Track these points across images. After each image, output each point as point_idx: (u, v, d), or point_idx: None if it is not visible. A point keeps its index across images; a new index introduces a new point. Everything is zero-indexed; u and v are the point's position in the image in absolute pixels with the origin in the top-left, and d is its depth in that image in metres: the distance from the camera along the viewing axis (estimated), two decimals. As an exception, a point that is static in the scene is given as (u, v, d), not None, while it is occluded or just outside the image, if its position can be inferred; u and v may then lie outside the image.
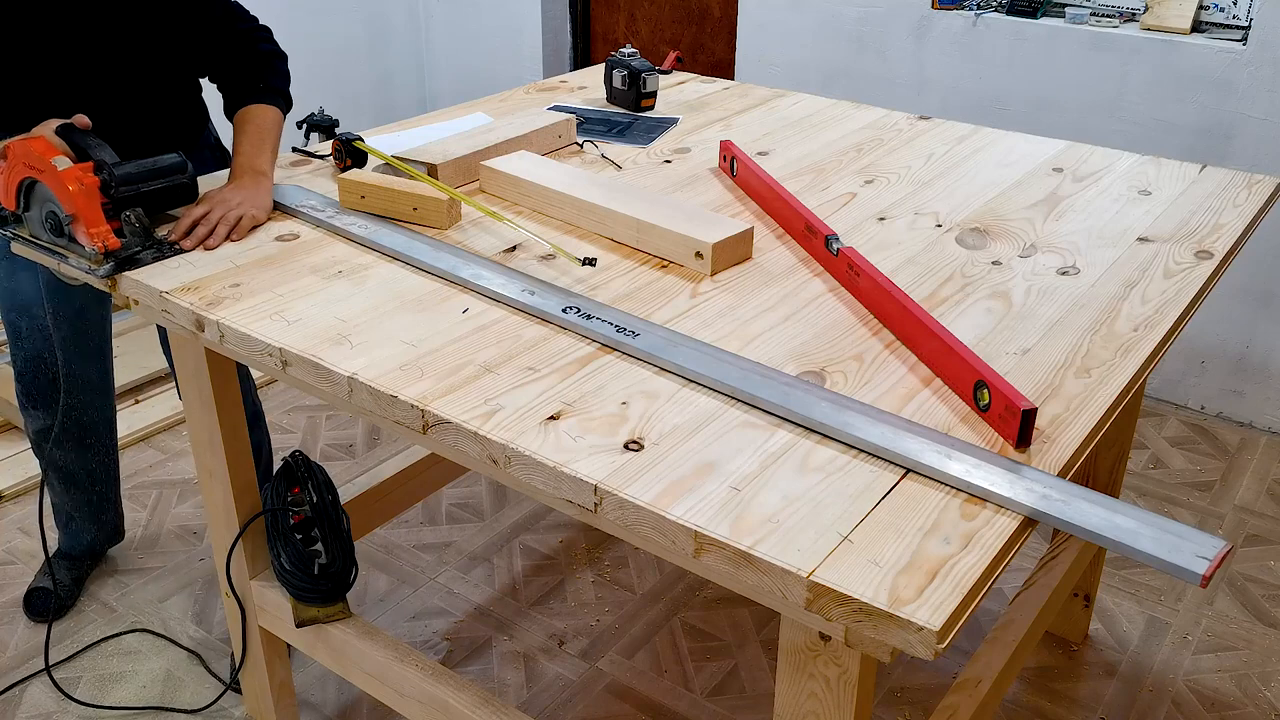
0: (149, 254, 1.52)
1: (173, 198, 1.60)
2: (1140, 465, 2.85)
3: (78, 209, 1.46)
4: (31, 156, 1.48)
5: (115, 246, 1.48)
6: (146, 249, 1.53)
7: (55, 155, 1.47)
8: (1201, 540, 0.99)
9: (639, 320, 1.35)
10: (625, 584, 2.42)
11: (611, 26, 4.12)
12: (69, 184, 1.45)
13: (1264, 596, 2.39)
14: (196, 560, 2.47)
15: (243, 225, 1.59)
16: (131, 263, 1.50)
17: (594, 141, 2.04)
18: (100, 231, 1.47)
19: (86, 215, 1.47)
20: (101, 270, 1.48)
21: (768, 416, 1.17)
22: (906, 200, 1.80)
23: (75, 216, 1.47)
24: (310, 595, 1.70)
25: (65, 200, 1.47)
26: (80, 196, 1.46)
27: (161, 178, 1.57)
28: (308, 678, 2.15)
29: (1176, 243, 1.64)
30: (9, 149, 1.51)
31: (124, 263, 1.50)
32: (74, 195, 1.46)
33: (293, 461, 1.70)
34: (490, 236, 1.63)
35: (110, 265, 1.48)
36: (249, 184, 1.66)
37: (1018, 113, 3.10)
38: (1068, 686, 2.16)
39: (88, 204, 1.47)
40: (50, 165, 1.46)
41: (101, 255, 1.48)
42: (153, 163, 1.57)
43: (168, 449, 2.87)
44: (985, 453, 1.10)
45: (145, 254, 1.52)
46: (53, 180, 1.47)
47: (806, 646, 1.08)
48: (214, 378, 1.65)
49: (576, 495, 1.08)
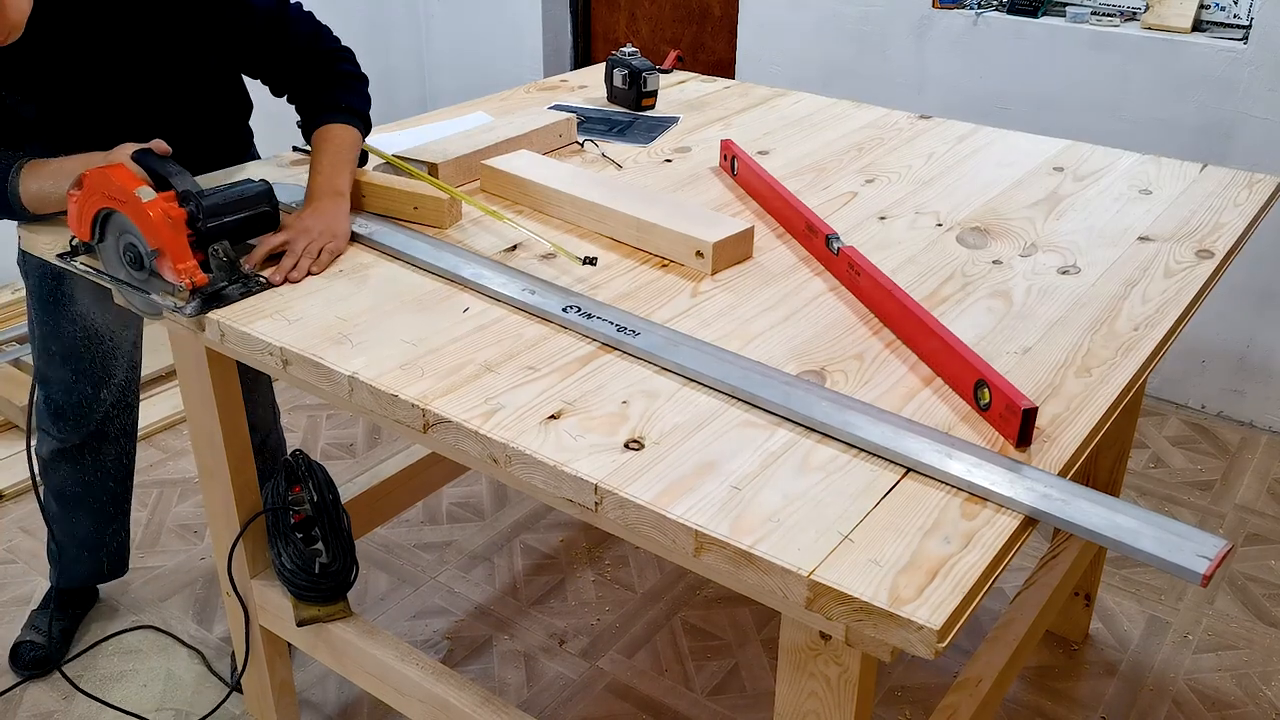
0: (235, 289, 1.42)
1: (256, 227, 1.50)
2: (1141, 464, 2.85)
3: (164, 243, 1.36)
4: (111, 186, 1.38)
5: (202, 283, 1.38)
6: (233, 284, 1.43)
7: (139, 185, 1.37)
8: (1202, 539, 0.99)
9: (639, 319, 1.35)
10: (626, 583, 2.42)
11: (612, 26, 4.12)
12: (155, 217, 1.35)
13: (1264, 596, 2.39)
14: (197, 559, 2.47)
15: (323, 260, 1.51)
16: (218, 299, 1.40)
17: (594, 141, 2.04)
18: (187, 268, 1.36)
19: (173, 250, 1.36)
20: (188, 309, 1.38)
21: (768, 416, 1.17)
22: (907, 199, 1.79)
23: (160, 251, 1.37)
24: (311, 594, 1.70)
25: (150, 233, 1.37)
26: (167, 230, 1.36)
27: (248, 208, 1.48)
28: (308, 677, 2.15)
29: (1177, 242, 1.64)
30: (86, 177, 1.41)
31: (210, 299, 1.40)
32: (160, 229, 1.36)
33: (293, 461, 1.70)
34: (491, 236, 1.63)
35: (197, 303, 1.38)
36: (329, 208, 1.58)
37: (1018, 112, 3.09)
38: (1068, 686, 2.16)
39: (175, 238, 1.36)
40: (133, 196, 1.36)
41: (188, 292, 1.38)
42: (239, 192, 1.47)
43: (168, 449, 2.87)
44: (985, 452, 1.10)
45: (231, 289, 1.42)
46: (135, 212, 1.37)
47: (807, 646, 1.08)
48: (214, 377, 1.64)
49: (577, 494, 1.08)
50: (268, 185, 1.51)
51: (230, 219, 1.45)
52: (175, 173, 1.45)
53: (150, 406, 2.98)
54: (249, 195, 1.48)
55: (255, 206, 1.48)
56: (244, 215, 1.47)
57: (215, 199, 1.44)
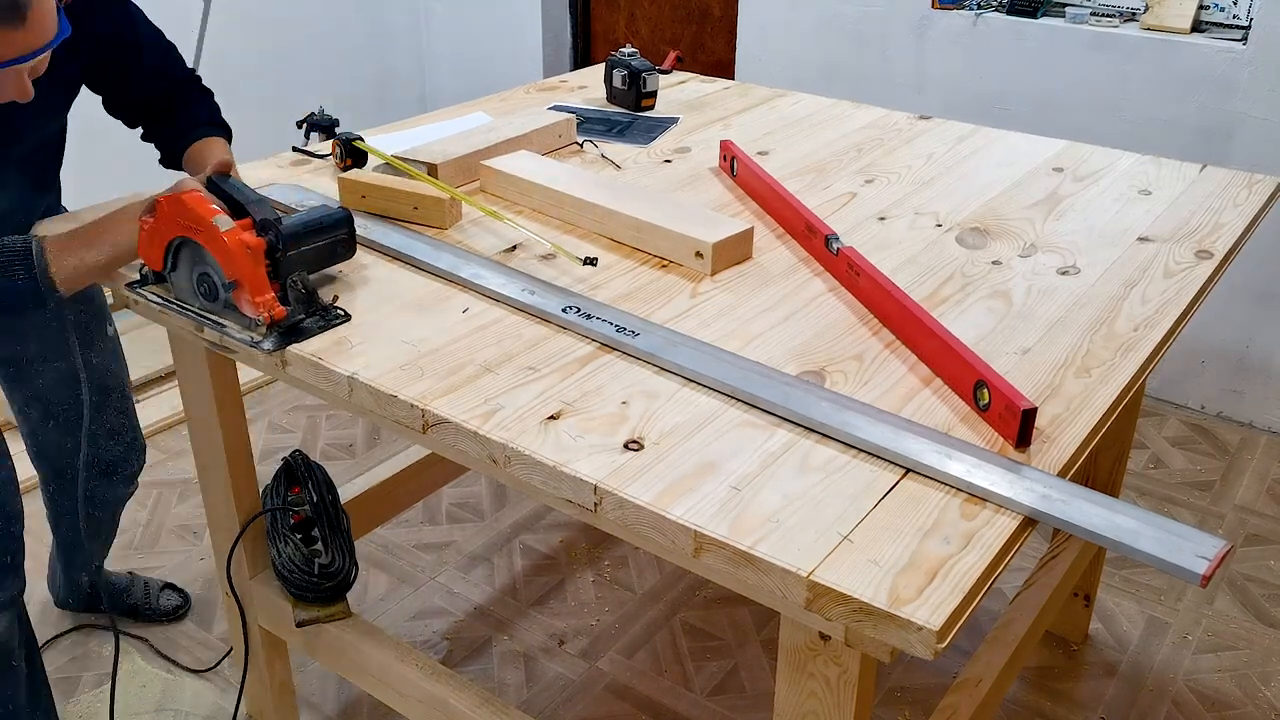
0: (313, 322, 1.34)
1: (334, 255, 1.43)
2: (1140, 465, 2.85)
3: (242, 275, 1.29)
4: (187, 214, 1.31)
5: (281, 316, 1.30)
6: (310, 316, 1.34)
7: (216, 214, 1.30)
8: (1201, 540, 0.99)
9: (639, 320, 1.35)
10: (625, 584, 2.42)
11: (612, 26, 4.12)
12: (234, 247, 1.28)
13: (1264, 596, 2.39)
14: (197, 560, 2.47)
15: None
16: (296, 333, 1.32)
17: (594, 141, 2.04)
18: (266, 300, 1.29)
19: (252, 282, 1.29)
20: (267, 343, 1.31)
21: (768, 416, 1.17)
22: (907, 200, 1.79)
23: (238, 283, 1.30)
24: (310, 595, 1.70)
25: (228, 264, 1.29)
26: (246, 261, 1.28)
27: (326, 235, 1.39)
28: (308, 678, 2.15)
29: (1177, 242, 1.64)
30: (160, 204, 1.34)
31: (288, 333, 1.32)
32: (238, 259, 1.28)
33: (293, 461, 1.70)
34: (490, 236, 1.63)
35: (275, 337, 1.31)
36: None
37: (1018, 112, 3.09)
38: (1068, 686, 2.16)
39: (253, 269, 1.29)
40: (210, 225, 1.29)
41: (265, 326, 1.31)
42: (318, 219, 1.39)
43: (168, 449, 2.87)
44: (985, 452, 1.10)
45: (310, 322, 1.34)
46: (213, 241, 1.29)
47: (806, 646, 1.08)
48: (214, 378, 1.64)
49: (576, 495, 1.08)
50: (347, 211, 1.43)
51: (308, 247, 1.37)
52: (252, 199, 1.38)
53: (150, 406, 2.98)
54: (328, 222, 1.40)
55: (334, 233, 1.41)
56: (322, 243, 1.40)
57: (294, 227, 1.36)
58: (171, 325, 1.43)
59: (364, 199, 1.68)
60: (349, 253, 1.45)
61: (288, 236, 1.34)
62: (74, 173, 1.85)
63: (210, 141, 1.66)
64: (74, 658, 2.18)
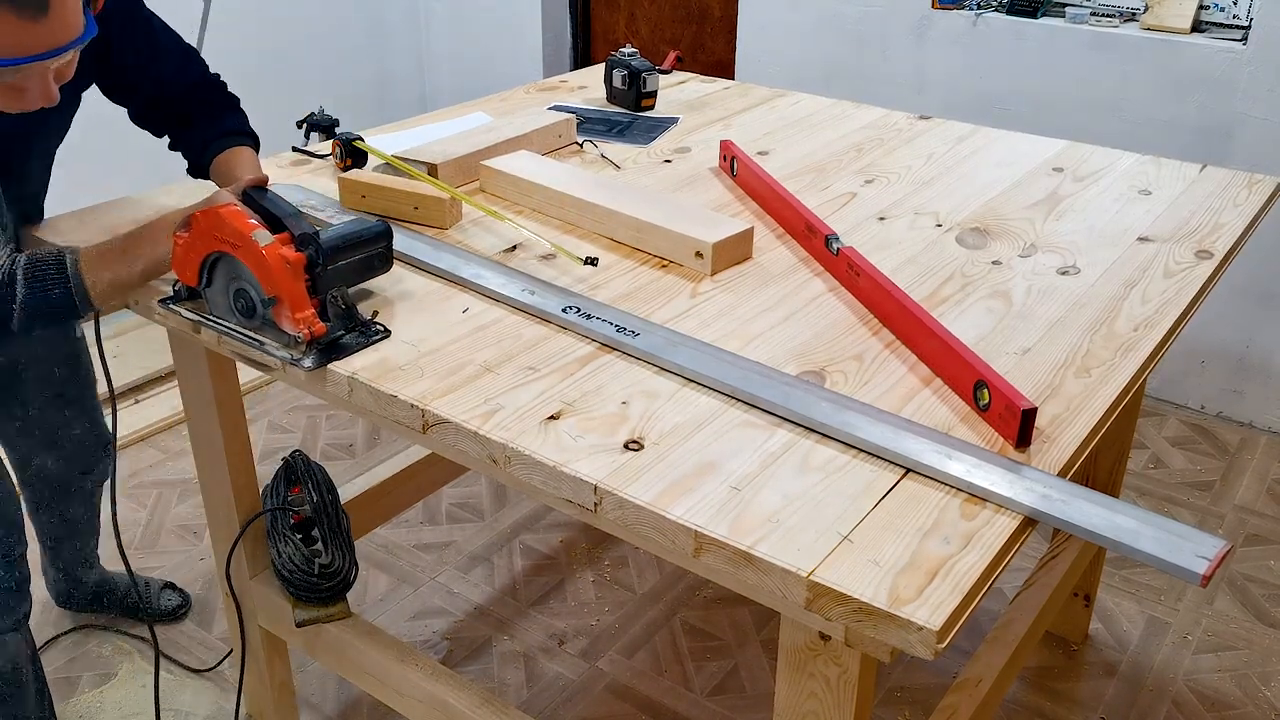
0: (353, 338, 1.30)
1: (372, 269, 1.39)
2: (1140, 465, 2.85)
3: (282, 291, 1.25)
4: (225, 229, 1.28)
5: (321, 332, 1.27)
6: (349, 332, 1.31)
7: (255, 228, 1.27)
8: (1201, 540, 0.99)
9: (639, 320, 1.35)
10: (625, 584, 2.42)
11: (612, 26, 4.12)
12: (273, 262, 1.24)
13: (1264, 596, 2.39)
14: (197, 560, 2.47)
15: None
16: (336, 349, 1.28)
17: (593, 141, 2.04)
18: (306, 317, 1.26)
19: (292, 298, 1.26)
20: (306, 361, 1.27)
21: (768, 416, 1.17)
22: (906, 200, 1.79)
23: (278, 299, 1.26)
24: (310, 595, 1.70)
25: (267, 280, 1.26)
26: (286, 277, 1.25)
27: (365, 248, 1.35)
28: (308, 678, 2.15)
29: (1177, 242, 1.64)
30: (196, 219, 1.31)
31: (328, 350, 1.28)
32: (278, 275, 1.25)
33: (293, 461, 1.70)
34: (491, 236, 1.63)
35: (315, 355, 1.27)
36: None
37: (1018, 112, 3.09)
38: (1068, 686, 2.16)
39: (293, 285, 1.26)
40: (249, 240, 1.26)
41: (304, 343, 1.27)
42: (357, 233, 1.35)
43: (168, 449, 2.87)
44: (985, 452, 1.10)
45: (349, 338, 1.30)
46: (252, 257, 1.26)
47: (806, 646, 1.08)
48: (214, 378, 1.65)
49: (576, 495, 1.08)
50: (386, 224, 1.39)
51: (345, 262, 1.33)
52: (289, 212, 1.35)
53: (150, 406, 2.98)
54: (367, 235, 1.36)
55: (373, 246, 1.37)
56: (361, 257, 1.35)
57: (333, 241, 1.32)
58: (207, 343, 1.41)
59: (364, 199, 1.68)
60: (386, 266, 1.40)
61: (327, 251, 1.30)
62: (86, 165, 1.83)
63: (238, 151, 1.61)
64: (74, 658, 2.18)
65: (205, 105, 1.65)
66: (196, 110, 1.64)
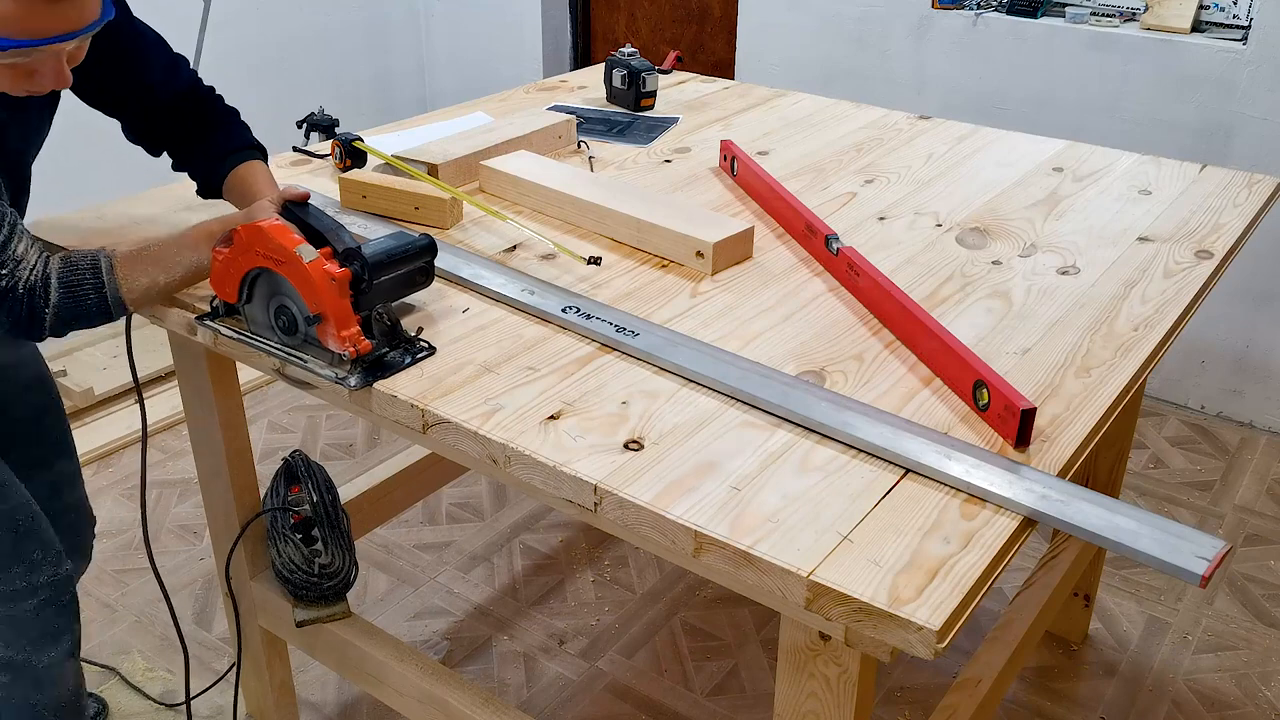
0: (398, 355, 1.27)
1: (414, 284, 1.34)
2: (1140, 465, 2.85)
3: (327, 308, 1.22)
4: (269, 244, 1.25)
5: (366, 350, 1.24)
6: (394, 349, 1.28)
7: (299, 244, 1.24)
8: (1201, 540, 0.99)
9: (639, 320, 1.35)
10: (625, 583, 2.42)
11: (611, 26, 4.12)
12: (318, 279, 1.21)
13: (1264, 596, 2.39)
14: (197, 560, 2.47)
15: None
16: (381, 368, 1.25)
17: (585, 142, 2.04)
18: (352, 335, 1.23)
19: (337, 316, 1.22)
20: (352, 380, 1.23)
21: (767, 416, 1.17)
22: (906, 200, 1.80)
23: (323, 316, 1.23)
24: (310, 595, 1.70)
25: (312, 297, 1.23)
26: (331, 294, 1.22)
27: (409, 263, 1.31)
28: (308, 678, 2.15)
29: (1176, 242, 1.64)
30: (238, 234, 1.28)
31: (373, 368, 1.25)
32: (323, 292, 1.22)
33: (293, 461, 1.70)
34: (491, 236, 1.63)
35: (360, 374, 1.24)
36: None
37: (1018, 112, 3.09)
38: (1068, 686, 2.16)
39: (339, 303, 1.22)
40: (293, 255, 1.22)
41: (349, 362, 1.24)
42: (401, 248, 1.30)
43: (168, 449, 2.87)
44: (985, 453, 1.10)
45: (394, 355, 1.27)
46: (296, 273, 1.23)
47: (806, 646, 1.08)
48: (214, 378, 1.64)
49: (576, 495, 1.08)
50: (430, 239, 1.35)
51: (388, 277, 1.29)
52: (330, 226, 1.32)
53: (150, 406, 2.98)
54: (412, 250, 1.31)
55: (416, 261, 1.33)
56: (404, 272, 1.31)
57: (378, 256, 1.27)
58: (247, 360, 1.38)
59: (364, 199, 1.68)
60: (427, 281, 1.36)
61: (374, 266, 1.26)
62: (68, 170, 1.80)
63: (252, 165, 1.55)
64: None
65: (204, 120, 1.58)
66: (195, 126, 1.57)
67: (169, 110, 1.56)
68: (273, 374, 1.37)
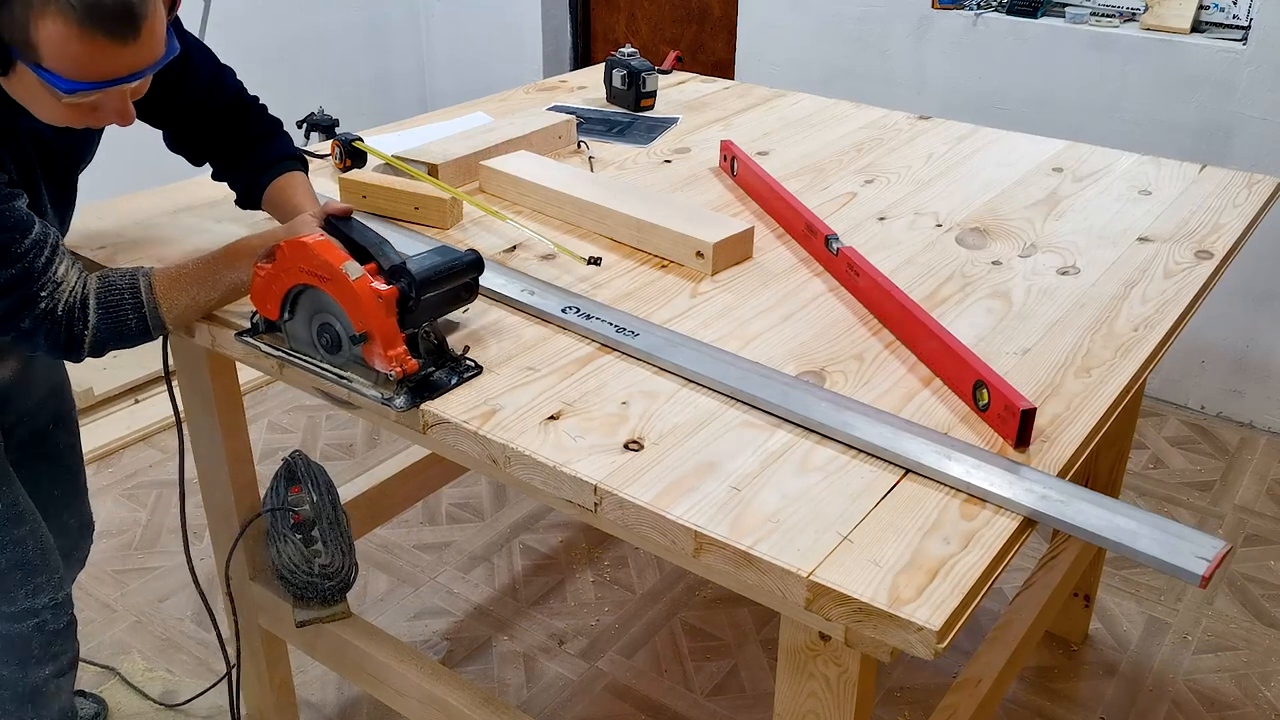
0: (444, 374, 1.23)
1: (459, 300, 1.31)
2: (1140, 465, 2.85)
3: (373, 326, 1.18)
4: (313, 260, 1.21)
5: (413, 369, 1.19)
6: (441, 368, 1.24)
7: (345, 260, 1.20)
8: (1201, 540, 0.99)
9: (639, 320, 1.35)
10: (625, 584, 2.42)
11: (611, 26, 4.12)
12: (365, 297, 1.18)
13: (1264, 596, 2.39)
14: (197, 560, 2.47)
15: None
16: (428, 388, 1.21)
17: (584, 142, 2.04)
18: (399, 354, 1.19)
19: (384, 334, 1.18)
20: (399, 400, 1.20)
21: (767, 416, 1.17)
22: (906, 200, 1.80)
23: (370, 335, 1.19)
24: (310, 595, 1.70)
25: (358, 315, 1.19)
26: (378, 312, 1.18)
27: (456, 279, 1.27)
28: (308, 678, 2.15)
29: (1176, 243, 1.64)
30: (281, 250, 1.24)
31: (419, 388, 1.21)
32: (370, 310, 1.18)
33: (293, 461, 1.70)
34: (491, 236, 1.63)
35: (407, 394, 1.20)
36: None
37: (1017, 113, 3.10)
38: (1068, 686, 2.16)
39: (385, 321, 1.18)
40: (339, 272, 1.19)
41: (396, 381, 1.20)
42: (449, 264, 1.26)
43: (168, 449, 2.86)
44: (985, 453, 1.10)
45: (441, 375, 1.23)
46: (342, 291, 1.19)
47: (806, 646, 1.08)
48: (214, 378, 1.64)
49: (576, 495, 1.08)
50: (477, 254, 1.30)
51: (434, 294, 1.25)
52: (374, 242, 1.28)
53: (150, 407, 2.98)
54: (459, 266, 1.27)
55: (464, 277, 1.29)
56: (450, 289, 1.28)
57: (425, 273, 1.23)
58: (288, 379, 1.36)
59: (365, 199, 1.68)
60: (471, 297, 1.32)
61: (421, 283, 1.22)
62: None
63: (292, 177, 1.52)
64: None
65: (247, 131, 1.54)
66: (238, 137, 1.54)
67: (213, 121, 1.53)
68: (312, 391, 1.34)
